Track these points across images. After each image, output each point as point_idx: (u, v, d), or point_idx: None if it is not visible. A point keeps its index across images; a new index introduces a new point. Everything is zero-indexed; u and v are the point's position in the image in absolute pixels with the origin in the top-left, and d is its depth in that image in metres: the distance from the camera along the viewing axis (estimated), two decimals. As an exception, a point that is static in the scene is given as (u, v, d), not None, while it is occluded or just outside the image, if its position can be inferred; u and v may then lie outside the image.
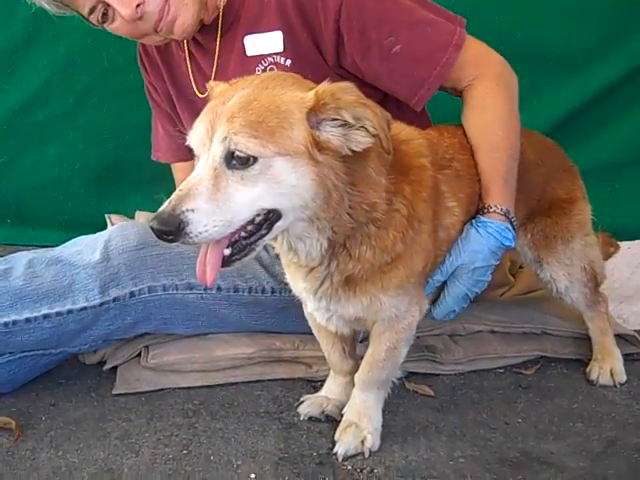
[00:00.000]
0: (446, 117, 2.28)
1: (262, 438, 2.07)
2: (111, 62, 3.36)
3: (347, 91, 1.63)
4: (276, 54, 2.25)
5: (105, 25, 2.25)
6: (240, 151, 1.57)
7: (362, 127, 1.63)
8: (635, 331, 2.54)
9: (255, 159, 1.58)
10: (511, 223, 2.07)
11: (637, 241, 3.31)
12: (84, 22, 2.30)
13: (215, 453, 2.00)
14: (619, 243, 2.88)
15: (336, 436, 2.02)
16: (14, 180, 3.49)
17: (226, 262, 1.68)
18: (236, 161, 1.58)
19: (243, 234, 1.66)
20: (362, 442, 1.98)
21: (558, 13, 3.31)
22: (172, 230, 1.56)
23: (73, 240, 2.37)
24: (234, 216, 1.59)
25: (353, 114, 1.61)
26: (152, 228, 1.58)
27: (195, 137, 1.65)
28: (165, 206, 1.57)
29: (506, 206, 2.08)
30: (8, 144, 3.45)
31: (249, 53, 2.29)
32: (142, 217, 3.14)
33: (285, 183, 1.60)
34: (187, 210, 1.56)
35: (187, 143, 1.69)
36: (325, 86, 1.64)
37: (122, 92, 3.37)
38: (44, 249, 2.37)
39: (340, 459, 1.96)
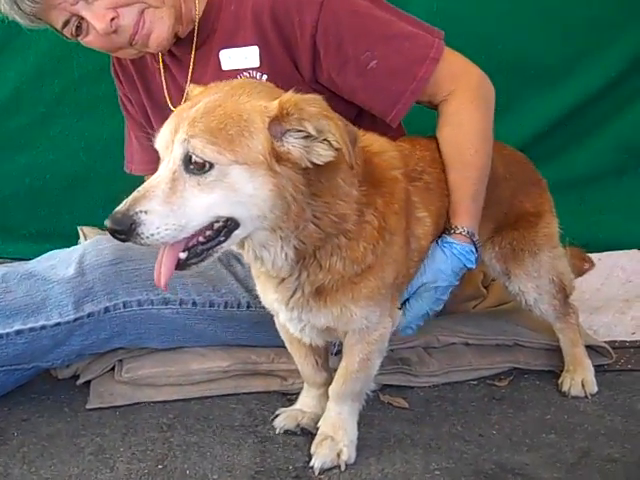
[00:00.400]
0: (421, 130, 2.29)
1: (238, 452, 2.06)
2: (81, 72, 3.36)
3: (311, 103, 1.62)
4: (252, 69, 2.25)
5: (79, 38, 2.24)
6: (196, 155, 1.58)
7: (325, 140, 1.62)
8: (605, 342, 2.57)
9: (211, 165, 1.58)
10: (474, 245, 2.11)
11: (606, 253, 3.37)
12: (55, 32, 2.29)
13: (191, 467, 1.99)
14: (589, 255, 2.93)
15: (312, 449, 2.02)
16: (-16, 189, 3.46)
17: (181, 266, 1.69)
18: (193, 166, 1.59)
19: (201, 239, 1.67)
20: (338, 455, 1.98)
21: (537, 26, 3.36)
22: (124, 230, 1.56)
23: (47, 254, 2.34)
24: (188, 221, 1.60)
25: (316, 126, 1.61)
26: (106, 227, 1.59)
27: (160, 140, 1.66)
28: (121, 206, 1.58)
29: (471, 227, 2.11)
30: (-22, 153, 3.42)
31: (225, 67, 2.29)
32: (115, 229, 3.11)
33: (242, 192, 1.60)
34: (140, 211, 1.56)
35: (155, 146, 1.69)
36: (289, 96, 1.64)
37: (93, 102, 3.37)
38: (17, 263, 2.36)
39: (316, 472, 1.96)
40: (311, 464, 1.98)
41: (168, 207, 1.58)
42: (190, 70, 2.37)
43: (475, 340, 2.49)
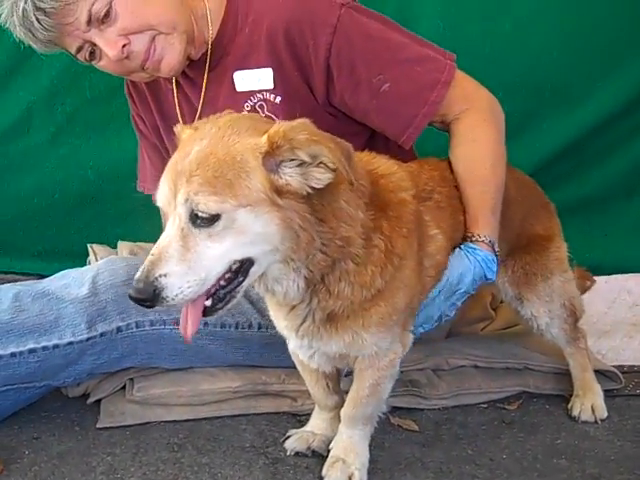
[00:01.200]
0: (433, 151, 2.31)
1: (249, 473, 2.06)
2: (93, 92, 3.37)
3: (298, 130, 1.60)
4: (266, 91, 2.27)
5: (93, 63, 2.27)
6: (201, 212, 1.57)
7: (320, 163, 1.62)
8: (614, 366, 2.58)
9: (218, 216, 1.58)
10: (496, 255, 2.11)
11: (613, 276, 3.36)
12: (69, 55, 2.32)
13: (202, 488, 2.00)
14: (595, 278, 2.94)
15: (323, 472, 2.02)
16: (-7, 209, 3.47)
17: (209, 312, 1.70)
18: (200, 220, 1.58)
19: (222, 283, 1.67)
20: (350, 478, 1.98)
21: (549, 47, 3.35)
22: (148, 297, 1.57)
23: (60, 273, 2.35)
24: (207, 273, 1.60)
25: (308, 152, 1.60)
26: (130, 297, 1.60)
27: (161, 197, 1.65)
28: (139, 274, 1.58)
29: (493, 237, 2.12)
30: (-12, 172, 3.43)
31: (239, 89, 2.31)
32: (125, 248, 3.13)
33: (251, 232, 1.60)
34: (160, 276, 1.57)
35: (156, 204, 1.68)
36: (276, 128, 1.61)
37: (103, 122, 3.38)
38: (30, 282, 2.35)
39: (328, 495, 1.96)
40: (322, 487, 1.98)
41: (185, 265, 1.58)
42: (203, 91, 2.39)
43: (484, 363, 2.50)
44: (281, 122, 1.65)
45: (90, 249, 3.20)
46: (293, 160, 1.61)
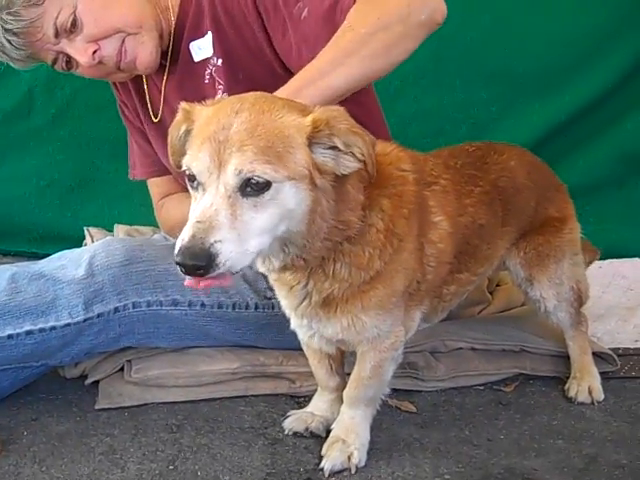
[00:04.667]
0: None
1: (248, 454, 2.07)
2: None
3: (340, 119, 1.64)
4: (213, 56, 2.32)
5: (71, 71, 2.34)
6: (259, 177, 1.55)
7: (350, 152, 1.65)
8: (609, 349, 2.59)
9: (269, 184, 1.57)
10: None
11: (608, 261, 3.37)
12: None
13: (202, 469, 2.00)
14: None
15: (323, 451, 2.03)
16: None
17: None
18: (251, 188, 1.56)
19: None
20: (349, 458, 1.99)
21: (535, 33, 3.37)
22: (206, 263, 1.53)
23: (57, 254, 2.35)
24: (249, 244, 1.58)
25: (344, 141, 1.63)
26: (181, 263, 1.54)
27: (200, 166, 1.60)
28: (189, 240, 1.53)
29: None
30: (-11, 155, 3.44)
31: (196, 59, 2.35)
32: (121, 230, 3.13)
33: (286, 207, 1.61)
34: (215, 242, 1.53)
35: (185, 169, 1.64)
36: (321, 113, 1.64)
37: (102, 105, 3.38)
38: (27, 263, 2.35)
39: (326, 474, 1.96)
40: (321, 466, 1.99)
41: (235, 233, 1.55)
42: (166, 72, 2.44)
43: (482, 345, 2.50)
44: (324, 107, 1.67)
45: (86, 232, 3.20)
46: (327, 145, 1.64)
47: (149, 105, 2.53)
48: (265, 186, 1.57)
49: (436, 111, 3.47)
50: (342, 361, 2.18)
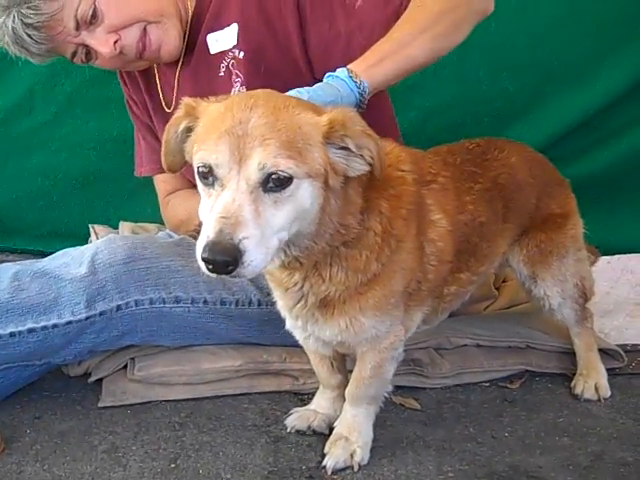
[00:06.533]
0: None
1: (250, 451, 2.06)
2: (93, 72, 3.36)
3: (355, 121, 1.63)
4: (233, 48, 2.31)
5: (90, 63, 2.34)
6: (282, 172, 1.53)
7: (360, 155, 1.64)
8: (617, 345, 2.57)
9: (291, 180, 1.55)
10: (358, 87, 1.95)
11: (616, 256, 3.35)
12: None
13: (204, 467, 1.99)
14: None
15: (326, 449, 2.02)
16: (-4, 189, 3.48)
17: None
18: (273, 184, 1.53)
19: None
20: (351, 455, 1.98)
21: (559, 25, 3.30)
22: (234, 259, 1.48)
23: (60, 252, 2.34)
24: (272, 242, 1.56)
25: (357, 143, 1.62)
26: (209, 260, 1.50)
27: (219, 160, 1.56)
28: (217, 234, 1.48)
29: (364, 79, 1.97)
30: (-9, 153, 3.44)
31: (212, 51, 2.35)
32: (126, 228, 3.12)
33: (301, 206, 1.59)
34: (243, 238, 1.49)
35: (198, 165, 1.59)
36: (337, 114, 1.63)
37: (104, 102, 3.38)
38: (30, 261, 2.34)
39: (329, 472, 1.96)
40: (324, 463, 1.98)
41: (260, 231, 1.52)
42: (180, 62, 2.44)
43: (487, 342, 2.49)
44: (339, 108, 1.66)
45: (91, 229, 3.20)
46: (339, 146, 1.63)
47: (161, 95, 2.53)
48: (287, 182, 1.54)
49: (457, 104, 3.40)
50: (343, 359, 2.17)
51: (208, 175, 1.58)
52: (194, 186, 1.67)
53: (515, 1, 3.28)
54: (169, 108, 2.51)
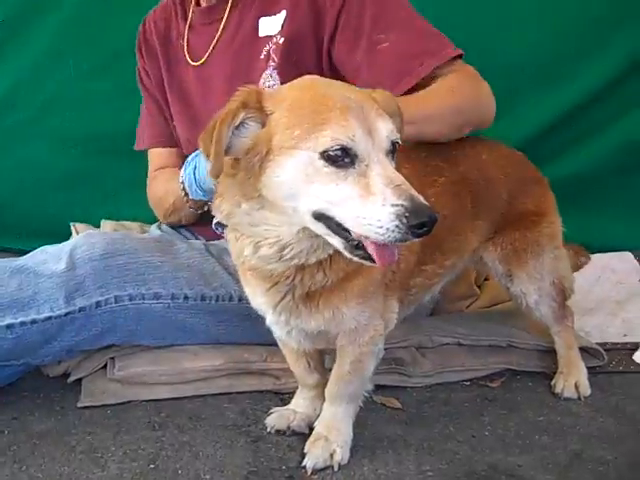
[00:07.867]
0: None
1: (230, 452, 2.05)
2: (77, 69, 3.35)
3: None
4: (278, 33, 2.37)
5: None
6: (399, 140, 1.61)
7: None
8: (597, 344, 2.58)
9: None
10: None
11: (598, 255, 3.34)
12: (51, 29, 2.32)
13: (183, 467, 1.98)
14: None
15: (305, 449, 2.01)
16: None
17: None
18: (392, 153, 1.60)
19: None
20: (331, 455, 1.97)
21: (537, 25, 3.35)
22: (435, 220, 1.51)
23: (38, 249, 2.32)
24: None
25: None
26: (433, 218, 1.49)
27: (357, 136, 1.54)
28: (417, 196, 1.50)
29: None
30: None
31: (261, 34, 2.40)
32: (108, 226, 3.10)
33: None
34: None
35: (331, 147, 1.53)
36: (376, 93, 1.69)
37: (87, 99, 3.36)
38: (8, 258, 2.32)
39: (309, 472, 1.95)
40: (303, 464, 1.97)
41: None
42: (222, 26, 2.48)
43: (468, 341, 2.49)
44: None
45: (73, 228, 3.17)
46: None
47: (186, 51, 2.57)
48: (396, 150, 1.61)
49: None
50: (321, 358, 2.17)
51: (342, 157, 1.54)
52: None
53: (487, 5, 3.33)
54: (197, 61, 2.56)
